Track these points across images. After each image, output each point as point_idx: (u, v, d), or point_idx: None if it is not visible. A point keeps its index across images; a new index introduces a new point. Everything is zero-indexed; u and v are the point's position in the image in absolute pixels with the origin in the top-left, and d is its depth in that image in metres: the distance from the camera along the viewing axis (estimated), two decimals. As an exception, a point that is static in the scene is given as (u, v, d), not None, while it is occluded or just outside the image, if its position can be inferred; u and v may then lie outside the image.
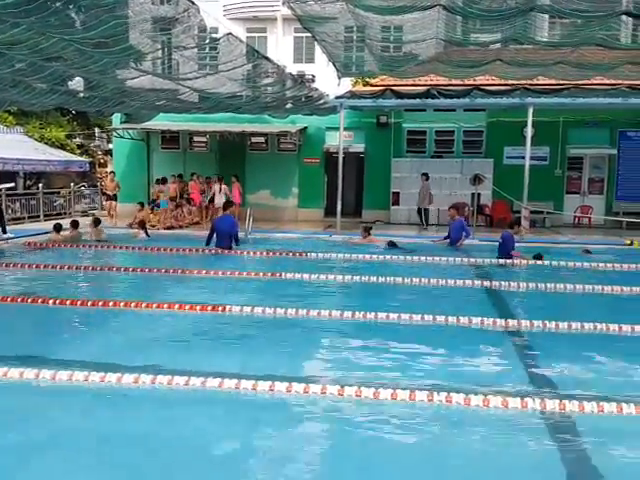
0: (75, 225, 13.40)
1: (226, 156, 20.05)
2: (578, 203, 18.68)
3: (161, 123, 18.96)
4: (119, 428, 4.10)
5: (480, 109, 18.22)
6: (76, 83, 11.81)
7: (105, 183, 19.53)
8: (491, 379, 5.11)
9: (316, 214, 19.64)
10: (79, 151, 29.83)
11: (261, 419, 4.26)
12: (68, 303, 7.34)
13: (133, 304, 7.27)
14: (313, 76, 23.46)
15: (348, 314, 6.94)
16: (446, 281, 8.98)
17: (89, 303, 7.39)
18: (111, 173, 19.36)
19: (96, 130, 32.30)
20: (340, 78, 14.16)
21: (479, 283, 9.04)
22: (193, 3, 8.59)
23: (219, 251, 11.54)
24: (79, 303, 7.38)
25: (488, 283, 8.99)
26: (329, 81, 16.41)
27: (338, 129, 16.74)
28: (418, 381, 4.92)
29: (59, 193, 21.71)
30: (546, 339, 6.38)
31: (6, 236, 13.60)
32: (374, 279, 9.09)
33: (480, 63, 12.63)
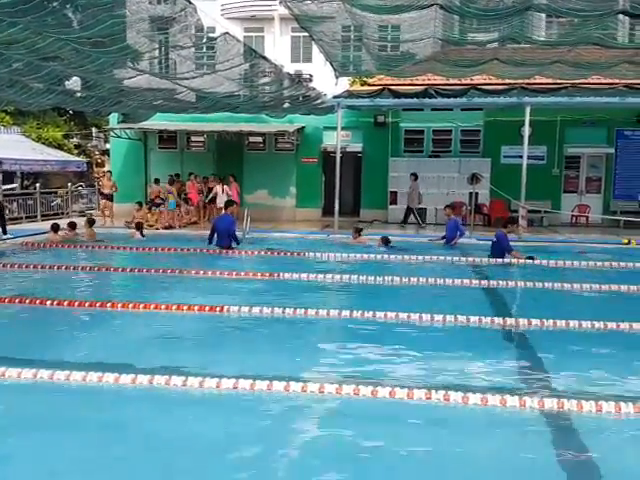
0: (73, 226, 13.43)
1: (223, 156, 20.03)
2: (575, 202, 18.71)
3: (158, 123, 18.93)
4: (119, 428, 4.09)
5: (477, 108, 18.21)
6: (73, 83, 11.79)
7: (102, 182, 19.51)
8: (489, 377, 5.10)
9: (314, 214, 19.64)
10: (76, 151, 29.85)
11: (261, 419, 4.26)
12: (66, 304, 7.33)
13: (131, 305, 7.26)
14: (310, 76, 23.41)
15: (346, 313, 6.96)
16: (444, 280, 8.99)
17: (86, 304, 7.37)
18: (108, 172, 19.36)
19: (93, 130, 32.29)
20: (337, 78, 14.14)
21: (476, 282, 9.04)
22: (190, 2, 8.59)
23: (218, 251, 11.54)
24: (76, 304, 7.36)
25: (485, 282, 8.99)
26: (326, 81, 16.36)
27: (336, 129, 16.71)
28: (416, 380, 4.92)
29: (56, 193, 21.70)
30: (544, 337, 6.37)
31: (6, 237, 13.58)
32: (371, 278, 9.10)
33: (477, 62, 12.63)
